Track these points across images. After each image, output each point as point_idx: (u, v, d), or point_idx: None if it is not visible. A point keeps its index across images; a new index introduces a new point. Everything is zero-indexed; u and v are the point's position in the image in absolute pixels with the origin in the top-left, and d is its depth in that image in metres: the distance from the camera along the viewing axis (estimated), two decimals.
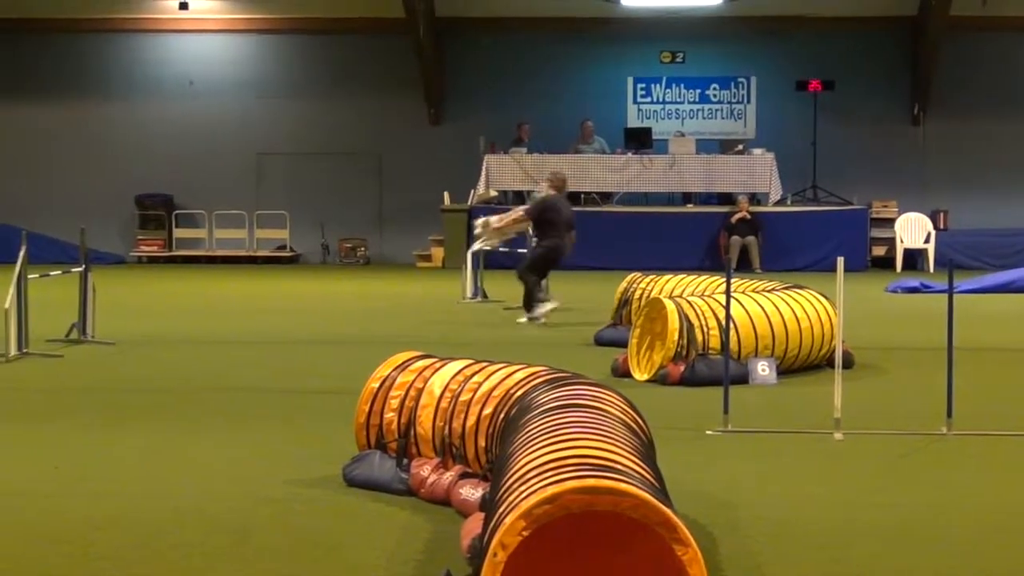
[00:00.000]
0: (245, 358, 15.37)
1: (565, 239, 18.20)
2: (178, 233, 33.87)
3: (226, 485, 8.65)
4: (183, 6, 33.12)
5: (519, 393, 7.60)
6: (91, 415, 11.42)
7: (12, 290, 14.63)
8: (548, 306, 18.11)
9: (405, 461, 8.32)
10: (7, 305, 14.55)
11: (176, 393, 12.71)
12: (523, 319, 18.22)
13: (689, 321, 13.07)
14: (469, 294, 21.98)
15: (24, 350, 14.78)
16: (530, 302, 18.17)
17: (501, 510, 5.42)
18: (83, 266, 16.30)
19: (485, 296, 22.03)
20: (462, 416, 8.02)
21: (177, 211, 33.82)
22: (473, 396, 8.02)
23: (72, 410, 11.70)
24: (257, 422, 11.10)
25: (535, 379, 7.77)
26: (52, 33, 33.80)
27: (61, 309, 16.64)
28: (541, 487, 5.23)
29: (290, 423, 11.05)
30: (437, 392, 8.28)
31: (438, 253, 31.14)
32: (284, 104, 34.04)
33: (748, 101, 33.66)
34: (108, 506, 8.07)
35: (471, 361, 8.59)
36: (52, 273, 16.57)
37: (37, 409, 11.80)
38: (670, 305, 13.26)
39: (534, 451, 5.89)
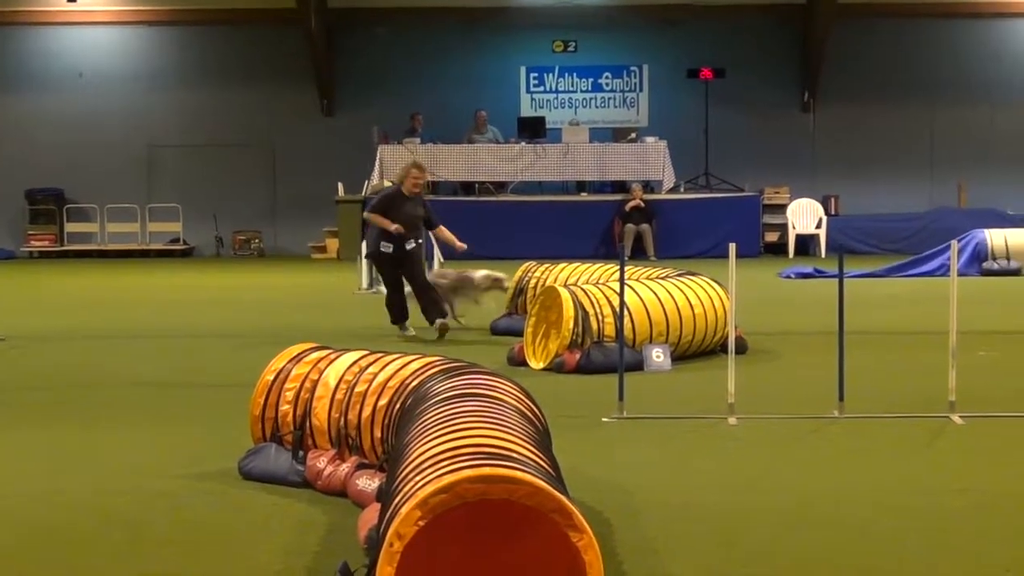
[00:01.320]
0: (139, 353, 15.22)
1: None
2: (69, 227, 33.51)
3: (120, 480, 8.57)
4: None
5: (414, 383, 7.61)
6: None
7: None
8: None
9: (301, 453, 8.30)
10: None
11: (69, 389, 12.60)
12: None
13: (584, 309, 13.13)
14: (364, 285, 21.91)
15: None
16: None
17: (397, 500, 5.42)
18: None
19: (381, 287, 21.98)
20: (358, 407, 8.01)
21: (68, 205, 33.45)
22: (368, 387, 8.01)
23: None
24: (151, 417, 11.01)
25: (430, 369, 7.77)
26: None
27: None
28: (437, 476, 5.25)
29: (185, 417, 10.98)
30: (332, 383, 8.26)
31: (333, 244, 31.03)
32: (175, 96, 33.76)
33: (640, 89, 33.83)
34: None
35: (366, 352, 8.59)
36: None
37: None
38: (565, 294, 13.31)
39: (430, 441, 5.90)
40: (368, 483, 7.61)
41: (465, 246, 16.15)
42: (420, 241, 16.07)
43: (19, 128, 33.72)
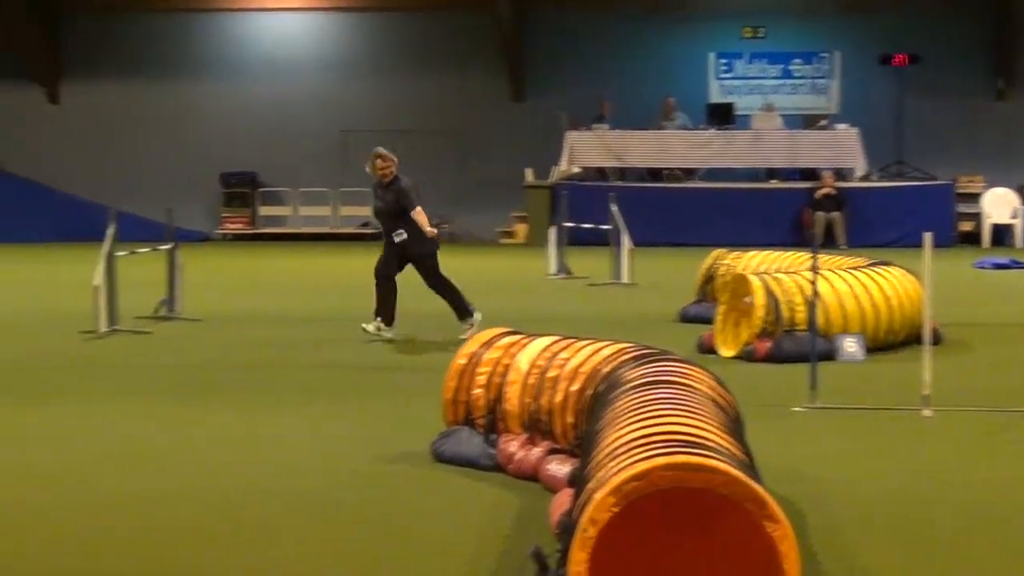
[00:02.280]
0: (331, 335, 15.46)
1: None
2: (262, 211, 34.10)
3: (312, 460, 8.71)
4: None
5: (607, 369, 7.61)
6: (179, 391, 11.54)
7: (102, 267, 14.78)
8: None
9: (493, 437, 8.35)
10: (97, 282, 14.70)
11: (263, 370, 12.83)
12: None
13: (775, 297, 13.02)
14: (553, 270, 21.98)
15: (114, 327, 14.94)
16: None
17: (591, 486, 5.43)
18: (170, 244, 16.45)
19: (569, 272, 22.03)
20: (549, 392, 8.04)
21: (262, 189, 34.03)
22: (560, 372, 8.04)
23: (160, 386, 11.83)
24: (344, 398, 11.17)
25: (623, 355, 7.77)
26: (139, 13, 34.09)
27: (149, 286, 16.80)
28: (631, 463, 5.24)
29: (376, 399, 11.10)
30: (524, 368, 8.30)
31: (521, 229, 31.15)
32: (367, 82, 34.12)
33: (831, 76, 33.39)
34: (192, 481, 8.17)
35: (558, 337, 8.61)
36: (140, 251, 16.78)
37: (126, 385, 11.93)
38: (756, 281, 13.22)
39: (623, 427, 5.89)
40: (560, 468, 7.64)
41: (435, 231, 14.99)
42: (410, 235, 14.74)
43: (215, 113, 34.36)
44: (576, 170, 29.99)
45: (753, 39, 33.60)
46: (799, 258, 15.56)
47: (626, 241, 20.72)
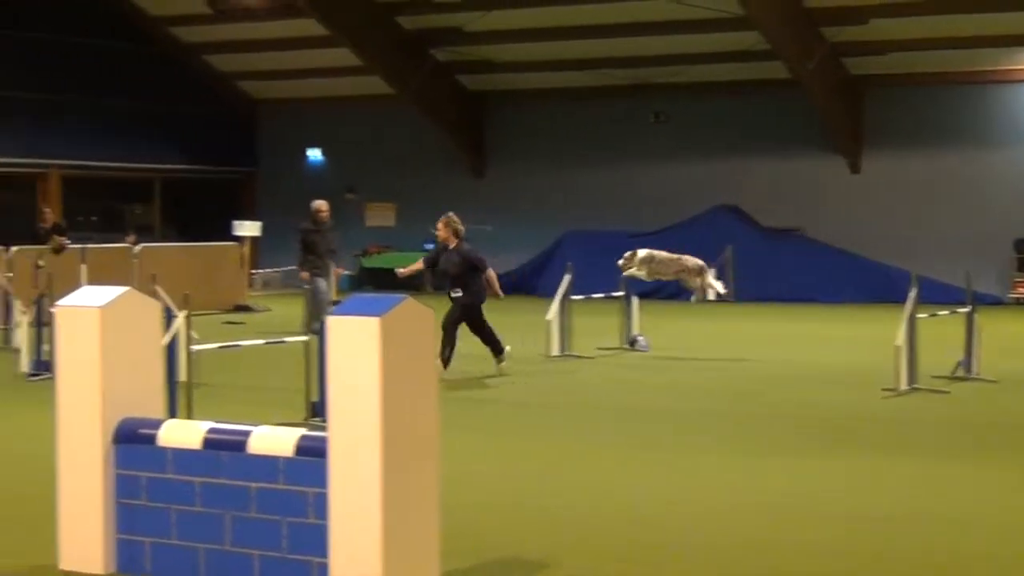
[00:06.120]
0: None
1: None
2: None
3: None
4: None
5: None
6: (974, 450, 12.18)
7: (903, 328, 15.73)
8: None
9: None
10: (899, 342, 15.66)
11: None
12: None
13: None
14: None
15: (913, 385, 15.82)
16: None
17: None
18: (969, 307, 17.12)
19: None
20: None
21: None
22: None
23: (956, 444, 12.54)
24: None
25: None
26: (935, 86, 35.01)
27: (947, 347, 17.37)
28: None
29: None
30: None
31: None
32: None
33: None
34: (982, 538, 8.80)
35: None
36: (939, 313, 17.44)
37: (924, 442, 12.69)
38: None
39: None
40: None
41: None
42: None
43: (1009, 180, 34.61)
44: None
45: None
46: None
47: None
